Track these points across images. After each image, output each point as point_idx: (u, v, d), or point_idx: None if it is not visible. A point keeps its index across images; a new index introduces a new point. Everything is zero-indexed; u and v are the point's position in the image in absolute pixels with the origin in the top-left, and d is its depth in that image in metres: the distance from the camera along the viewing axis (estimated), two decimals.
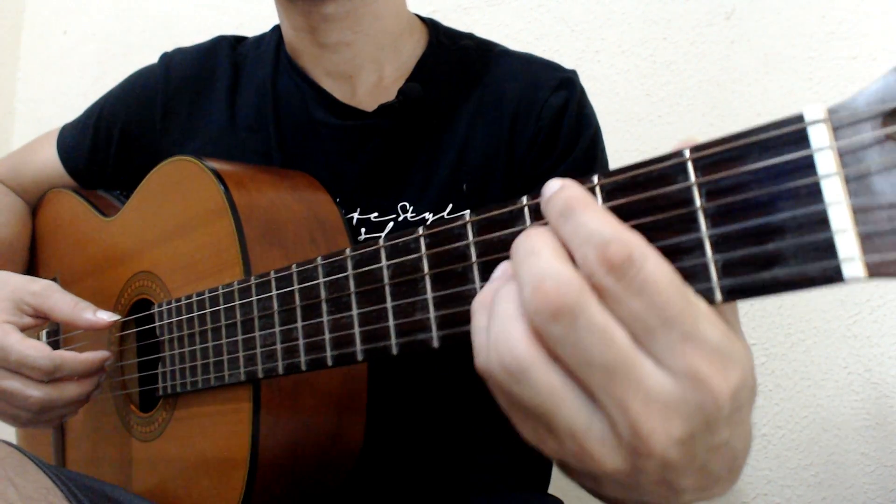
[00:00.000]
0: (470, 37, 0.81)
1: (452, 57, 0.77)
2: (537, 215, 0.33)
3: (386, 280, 0.42)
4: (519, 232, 0.33)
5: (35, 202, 0.93)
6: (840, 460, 0.99)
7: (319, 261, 0.47)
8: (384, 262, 0.42)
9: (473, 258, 0.37)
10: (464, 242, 0.37)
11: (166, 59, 0.84)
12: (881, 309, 0.99)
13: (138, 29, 1.60)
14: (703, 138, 0.30)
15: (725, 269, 0.29)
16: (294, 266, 0.49)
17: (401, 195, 0.72)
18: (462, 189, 0.71)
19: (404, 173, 0.73)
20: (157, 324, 0.65)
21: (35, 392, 0.62)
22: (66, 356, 0.63)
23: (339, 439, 0.61)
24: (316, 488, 0.62)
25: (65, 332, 0.79)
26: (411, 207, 0.71)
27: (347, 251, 0.44)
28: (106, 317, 0.65)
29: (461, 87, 0.75)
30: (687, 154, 0.30)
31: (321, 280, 0.47)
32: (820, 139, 0.27)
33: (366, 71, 0.76)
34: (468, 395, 0.73)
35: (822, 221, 0.27)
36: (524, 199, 0.35)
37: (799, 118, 0.27)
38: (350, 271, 0.44)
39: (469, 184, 0.71)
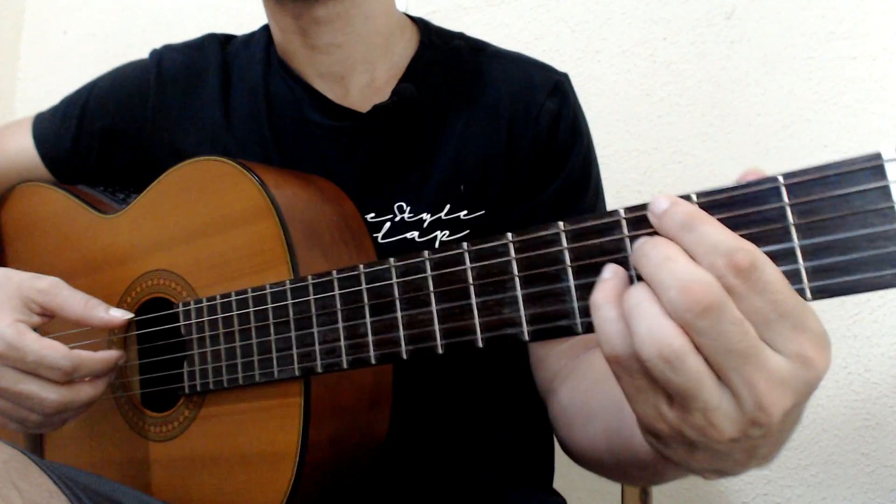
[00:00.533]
0: (461, 36, 0.81)
1: (445, 57, 0.77)
2: (635, 225, 0.39)
3: (470, 280, 0.46)
4: (615, 240, 0.39)
5: (2, 193, 0.88)
6: (840, 460, 0.99)
7: (393, 262, 0.50)
8: (469, 265, 0.46)
9: (567, 262, 0.42)
10: (558, 248, 0.42)
11: (157, 55, 0.83)
12: (881, 309, 0.99)
13: (138, 29, 1.60)
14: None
15: (814, 274, 0.35)
16: (362, 266, 0.52)
17: (397, 196, 0.72)
18: (460, 189, 0.71)
19: (400, 174, 0.73)
20: (182, 322, 0.65)
21: (52, 394, 0.61)
22: (84, 355, 0.61)
23: (370, 433, 0.63)
24: (349, 480, 0.63)
25: (44, 332, 0.77)
26: (408, 208, 0.71)
27: (426, 253, 0.48)
28: (119, 314, 0.63)
29: (455, 88, 0.75)
30: (780, 179, 0.36)
31: (395, 280, 0.50)
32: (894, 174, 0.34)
33: (357, 72, 0.75)
34: (475, 392, 0.73)
35: (895, 237, 0.34)
36: (621, 211, 0.39)
37: (877, 156, 0.34)
38: (429, 272, 0.48)
39: (467, 184, 0.71)
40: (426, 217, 0.71)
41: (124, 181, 0.84)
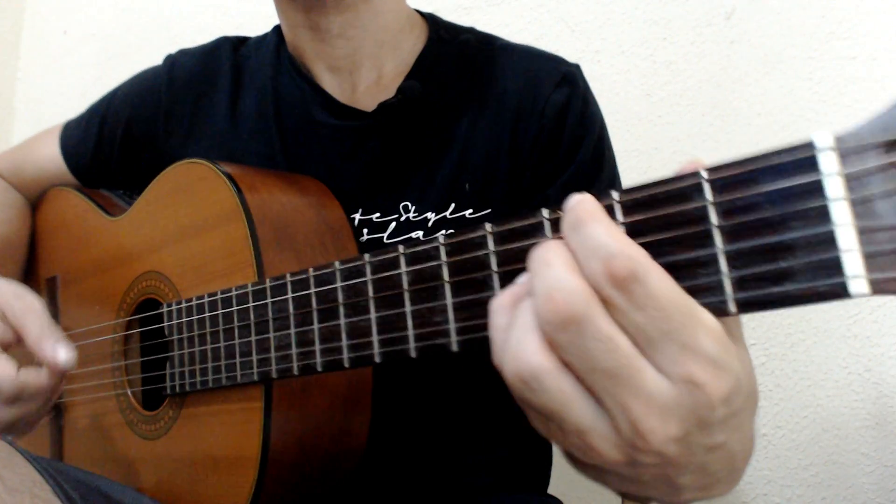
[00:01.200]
0: (471, 31, 0.80)
1: (453, 52, 0.76)
2: (557, 228, 0.35)
3: (405, 286, 0.43)
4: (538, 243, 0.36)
5: (36, 199, 0.92)
6: (840, 460, 0.99)
7: (337, 265, 0.48)
8: (404, 269, 0.43)
9: (494, 267, 0.38)
10: (484, 252, 0.39)
11: (170, 60, 0.84)
12: (881, 309, 0.99)
13: (138, 29, 1.60)
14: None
15: (739, 284, 0.31)
16: (311, 270, 0.50)
17: (402, 195, 0.71)
18: (465, 189, 0.71)
19: (405, 173, 0.72)
20: (165, 323, 0.66)
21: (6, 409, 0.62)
22: (30, 380, 0.61)
23: (345, 439, 0.62)
24: (321, 487, 0.63)
25: (66, 328, 0.79)
26: (413, 207, 0.71)
27: (367, 256, 0.46)
28: (59, 355, 0.61)
29: (462, 84, 0.74)
30: (704, 175, 0.32)
31: (339, 284, 0.48)
32: (828, 165, 0.29)
33: (365, 68, 0.75)
34: (468, 397, 0.73)
35: (830, 241, 0.29)
36: (545, 212, 0.36)
37: (809, 145, 0.29)
38: (369, 276, 0.46)
39: (471, 183, 0.71)
40: (431, 216, 0.70)
41: (144, 187, 0.86)
